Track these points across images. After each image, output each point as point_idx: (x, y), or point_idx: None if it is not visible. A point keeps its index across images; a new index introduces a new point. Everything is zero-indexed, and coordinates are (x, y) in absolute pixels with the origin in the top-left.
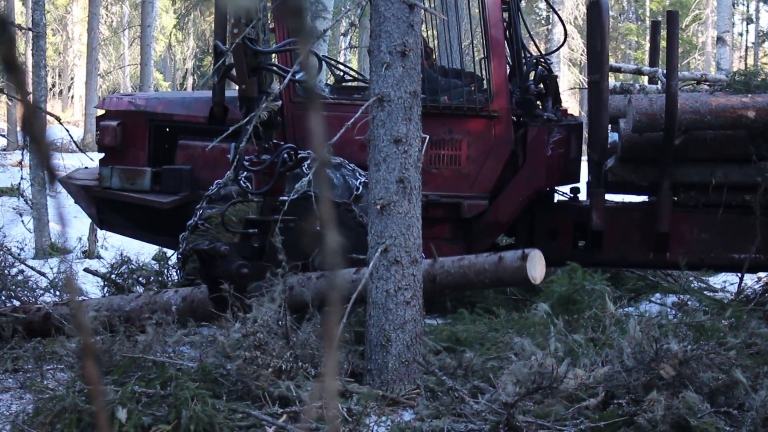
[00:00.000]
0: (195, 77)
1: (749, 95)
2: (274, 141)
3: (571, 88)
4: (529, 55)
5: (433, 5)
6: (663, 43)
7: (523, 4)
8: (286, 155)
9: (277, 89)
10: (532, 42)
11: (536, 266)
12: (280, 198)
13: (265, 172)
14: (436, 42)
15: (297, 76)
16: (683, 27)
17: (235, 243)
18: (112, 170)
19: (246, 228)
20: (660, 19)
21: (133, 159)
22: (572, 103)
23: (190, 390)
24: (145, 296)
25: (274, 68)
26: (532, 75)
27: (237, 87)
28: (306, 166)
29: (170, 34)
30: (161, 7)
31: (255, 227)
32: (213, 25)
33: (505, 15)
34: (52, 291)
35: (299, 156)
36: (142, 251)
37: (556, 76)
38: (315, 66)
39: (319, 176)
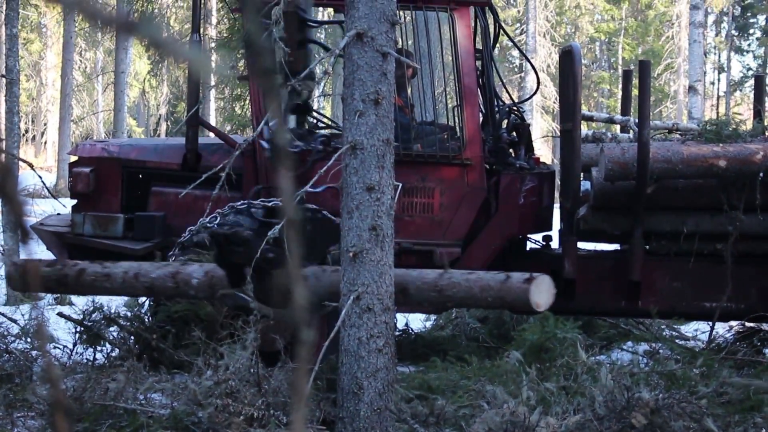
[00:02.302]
0: (168, 123)
1: (720, 144)
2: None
3: (544, 136)
4: (501, 103)
5: (406, 54)
6: (635, 92)
7: (496, 52)
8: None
9: (251, 136)
10: (504, 90)
11: (542, 292)
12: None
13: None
14: (409, 90)
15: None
16: (655, 75)
17: (257, 229)
18: (85, 217)
19: (267, 217)
20: (632, 68)
21: (105, 206)
22: (545, 151)
23: None
24: (172, 266)
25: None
26: (504, 123)
27: (210, 134)
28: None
29: (144, 80)
30: (135, 53)
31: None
32: (186, 72)
33: (478, 63)
34: (23, 338)
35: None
36: (114, 297)
37: (529, 125)
38: (287, 128)
39: (289, 233)
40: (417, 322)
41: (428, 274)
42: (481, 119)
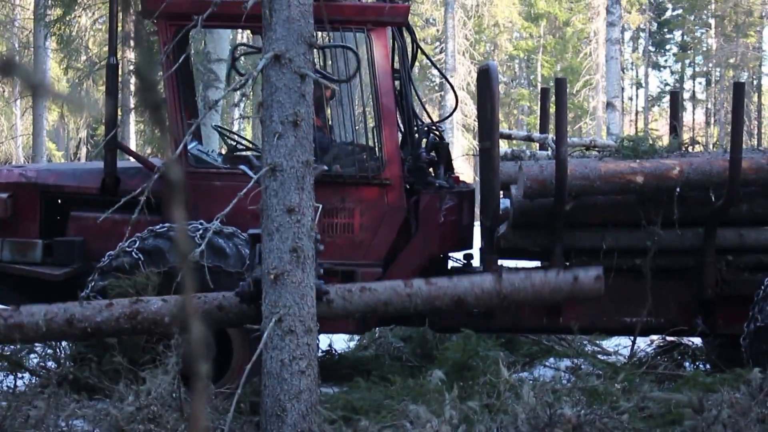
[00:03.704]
0: (88, 147)
1: (638, 161)
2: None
3: (465, 154)
4: (420, 122)
5: (324, 75)
6: (553, 109)
7: (415, 71)
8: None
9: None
10: (423, 109)
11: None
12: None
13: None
14: (328, 110)
15: (189, 147)
16: (574, 92)
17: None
18: (3, 243)
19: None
20: (550, 85)
21: (24, 231)
22: (466, 169)
23: None
24: (120, 306)
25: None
26: (424, 143)
27: (129, 158)
28: (198, 235)
29: (63, 104)
30: (53, 76)
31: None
32: (104, 95)
33: (397, 83)
34: None
35: None
36: None
37: (448, 144)
38: (178, 161)
39: (183, 274)
40: (341, 342)
41: (484, 282)
42: (400, 139)
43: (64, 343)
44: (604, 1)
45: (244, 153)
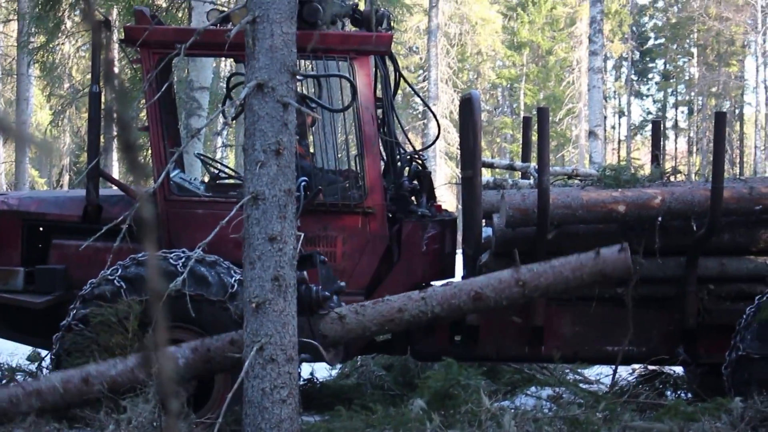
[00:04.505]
0: (71, 174)
1: (619, 189)
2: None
3: (448, 183)
4: (403, 151)
5: (305, 103)
6: (536, 138)
7: (399, 98)
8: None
9: (151, 187)
10: (406, 138)
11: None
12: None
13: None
14: (311, 138)
15: (172, 175)
16: (557, 120)
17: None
18: None
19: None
20: (533, 113)
21: (5, 259)
22: (449, 197)
23: None
24: (133, 358)
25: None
26: (406, 171)
27: (111, 185)
28: (180, 264)
29: (46, 131)
30: (36, 104)
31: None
32: (87, 122)
33: (379, 112)
34: None
35: None
36: (16, 351)
37: (431, 173)
38: (152, 201)
39: (154, 306)
40: (322, 370)
41: (501, 274)
42: (382, 167)
43: (45, 371)
44: (587, 30)
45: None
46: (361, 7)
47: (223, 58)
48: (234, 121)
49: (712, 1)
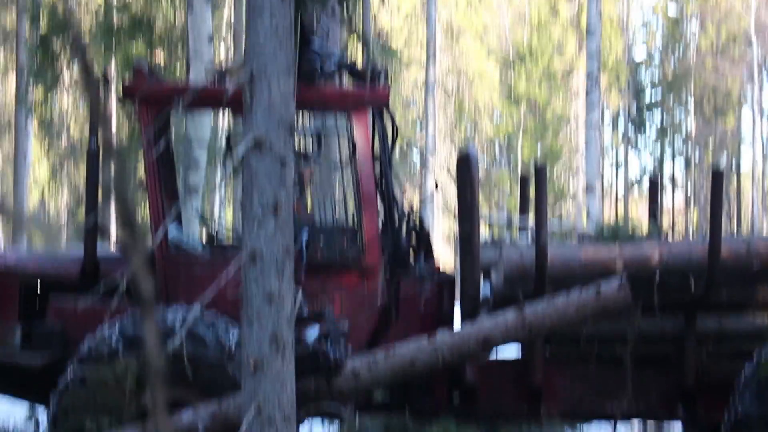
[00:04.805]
0: (69, 230)
1: (617, 247)
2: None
3: (446, 237)
4: (401, 207)
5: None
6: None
7: (396, 156)
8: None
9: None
10: (403, 194)
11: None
12: None
13: None
14: (308, 193)
15: (170, 234)
16: (554, 176)
17: None
18: None
19: None
20: (530, 170)
21: (2, 317)
22: (447, 251)
23: None
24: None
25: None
26: (404, 228)
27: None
28: (178, 323)
29: (44, 188)
30: (35, 158)
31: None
32: (85, 179)
33: (377, 168)
34: None
35: None
36: (13, 410)
37: (429, 231)
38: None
39: (154, 384)
40: (320, 429)
41: (507, 318)
42: (380, 225)
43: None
44: (584, 84)
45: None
46: (359, 61)
47: (222, 112)
48: (231, 178)
49: (709, 55)
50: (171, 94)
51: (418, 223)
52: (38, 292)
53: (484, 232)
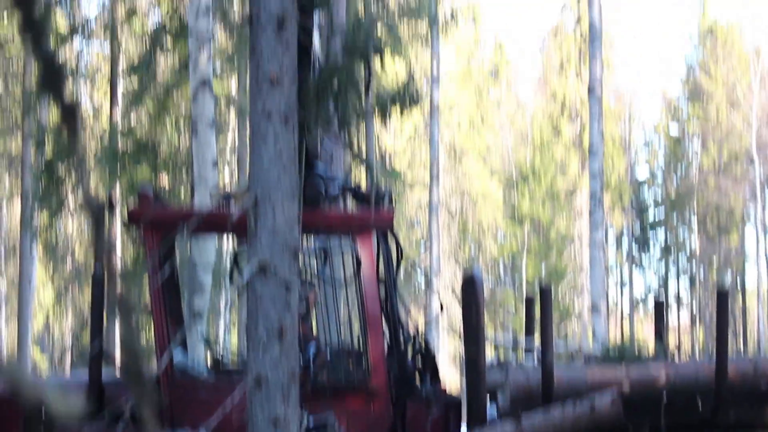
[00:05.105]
0: (73, 354)
1: (624, 367)
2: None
3: (452, 358)
4: (406, 330)
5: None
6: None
7: (400, 277)
8: None
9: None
10: (408, 316)
11: None
12: None
13: None
14: (313, 316)
15: (175, 359)
16: (559, 296)
17: None
18: None
19: None
20: (535, 290)
21: None
22: (453, 373)
23: None
24: None
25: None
26: (410, 351)
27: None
28: None
29: (48, 312)
30: (39, 283)
31: None
32: (90, 304)
33: (382, 290)
34: None
35: None
36: None
37: (434, 354)
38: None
39: None
40: None
41: (504, 428)
42: (386, 347)
43: None
44: (587, 203)
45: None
46: (363, 184)
47: (226, 237)
48: (236, 302)
49: (711, 173)
50: (176, 219)
51: (423, 344)
52: (42, 419)
53: (489, 354)
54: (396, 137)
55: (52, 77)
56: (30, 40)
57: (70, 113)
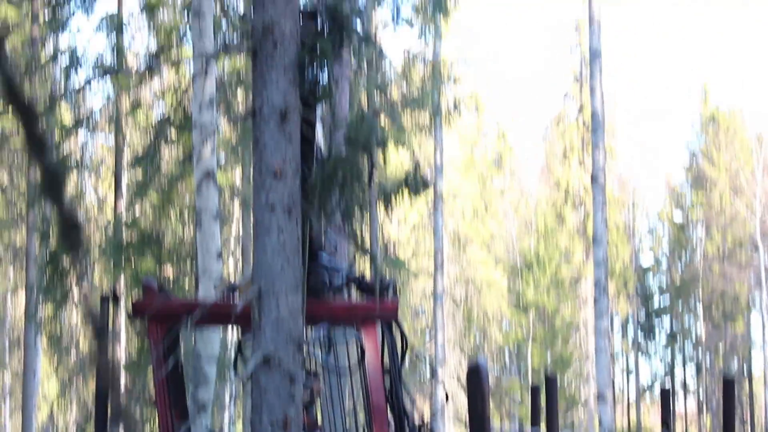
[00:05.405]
0: None
1: None
2: None
3: None
4: (411, 420)
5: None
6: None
7: (405, 366)
8: None
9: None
10: (413, 406)
11: None
12: None
13: None
14: (318, 407)
15: None
16: (565, 384)
17: None
18: None
19: None
20: (541, 378)
21: None
22: None
23: None
24: None
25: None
26: None
27: None
28: None
29: (53, 403)
30: (44, 375)
31: None
32: (94, 395)
33: (387, 380)
34: None
35: None
36: None
37: None
38: None
39: None
40: None
41: None
42: None
43: None
44: (592, 291)
45: None
46: (367, 273)
47: (231, 328)
48: (241, 394)
49: (716, 260)
50: (180, 311)
51: None
52: None
53: None
54: (400, 226)
55: (54, 188)
56: (34, 155)
57: (73, 228)
